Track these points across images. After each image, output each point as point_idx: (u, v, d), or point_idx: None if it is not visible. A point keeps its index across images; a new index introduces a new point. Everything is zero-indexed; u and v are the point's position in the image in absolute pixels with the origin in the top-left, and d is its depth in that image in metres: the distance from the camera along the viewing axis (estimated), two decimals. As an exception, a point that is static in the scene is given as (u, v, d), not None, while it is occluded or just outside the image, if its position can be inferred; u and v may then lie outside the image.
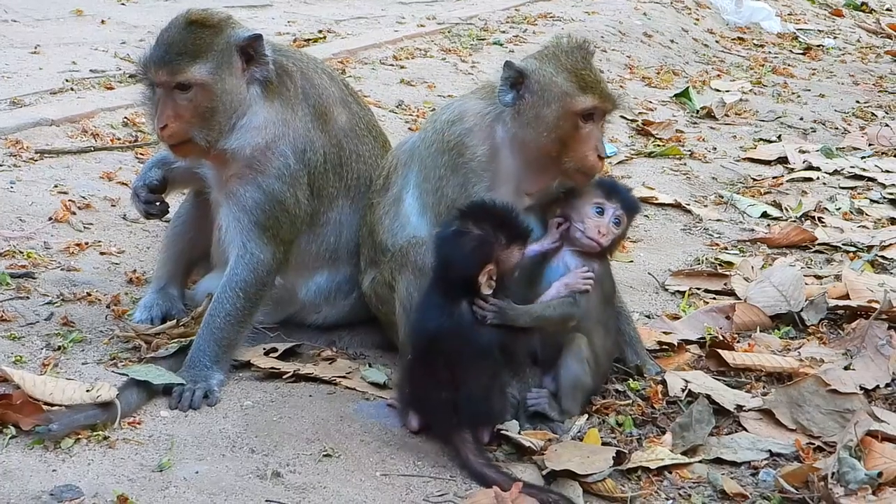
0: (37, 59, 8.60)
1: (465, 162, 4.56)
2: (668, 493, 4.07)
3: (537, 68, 4.53)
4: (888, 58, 13.92)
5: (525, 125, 4.50)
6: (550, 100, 4.47)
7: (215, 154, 4.66)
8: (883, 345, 4.97)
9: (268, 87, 4.66)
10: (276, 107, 4.69)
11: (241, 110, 4.63)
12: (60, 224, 5.83)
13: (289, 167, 4.67)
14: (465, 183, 4.55)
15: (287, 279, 4.90)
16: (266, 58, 4.62)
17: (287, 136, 4.68)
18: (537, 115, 4.48)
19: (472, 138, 4.58)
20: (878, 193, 8.00)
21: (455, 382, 4.18)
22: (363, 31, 10.97)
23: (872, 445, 4.13)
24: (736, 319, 5.45)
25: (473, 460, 4.09)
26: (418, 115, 8.53)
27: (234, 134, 4.62)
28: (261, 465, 4.01)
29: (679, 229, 7.14)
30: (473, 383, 4.20)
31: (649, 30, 12.65)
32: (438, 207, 4.60)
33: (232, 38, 4.58)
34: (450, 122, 4.65)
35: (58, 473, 3.83)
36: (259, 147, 4.64)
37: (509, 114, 4.53)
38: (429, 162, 4.66)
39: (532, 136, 4.50)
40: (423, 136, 4.76)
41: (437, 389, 4.19)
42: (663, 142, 8.98)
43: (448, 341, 4.23)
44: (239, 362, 4.72)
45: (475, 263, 4.23)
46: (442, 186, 4.60)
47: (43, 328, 4.86)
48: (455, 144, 4.58)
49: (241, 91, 4.61)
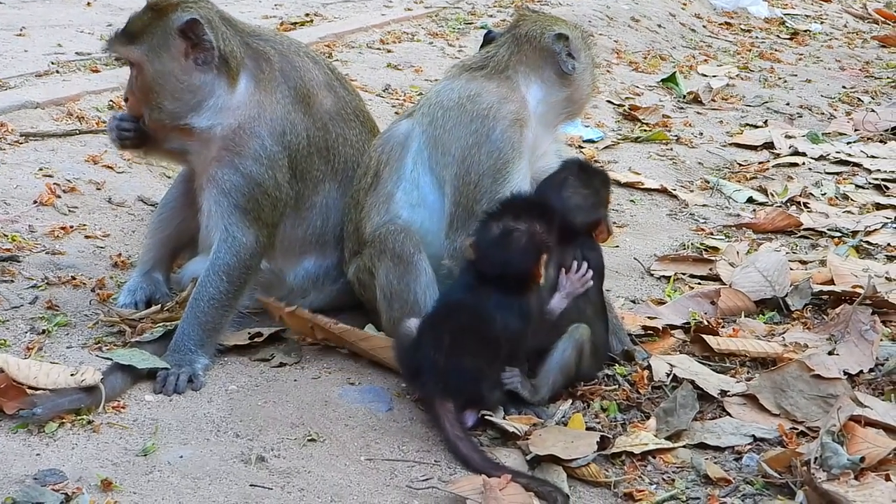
0: (22, 41, 8.56)
1: (501, 130, 4.64)
2: (652, 478, 4.09)
3: (571, 32, 4.90)
4: (875, 43, 13.94)
5: (580, 86, 4.92)
6: (591, 48, 5.00)
7: (185, 130, 4.70)
8: (867, 330, 4.98)
9: (230, 71, 4.67)
10: (249, 89, 4.71)
11: (199, 93, 4.65)
12: (45, 207, 5.81)
13: (265, 148, 4.67)
14: (500, 149, 4.61)
15: (274, 263, 4.90)
16: (207, 42, 4.61)
17: (262, 117, 4.69)
18: (591, 72, 4.97)
19: (505, 107, 4.68)
20: (863, 179, 8.00)
21: (455, 352, 4.21)
22: (350, 15, 10.94)
23: (855, 430, 4.15)
24: (721, 304, 5.46)
25: (450, 430, 4.12)
26: (405, 99, 8.51)
27: (202, 114, 4.67)
28: (245, 450, 4.01)
29: (665, 214, 7.14)
30: (471, 360, 4.23)
31: (637, 14, 12.64)
32: (467, 177, 4.63)
33: (172, 22, 4.61)
34: (472, 95, 4.71)
35: (42, 457, 3.83)
36: (231, 128, 4.67)
37: (553, 81, 4.85)
38: (447, 137, 4.68)
39: (587, 92, 4.99)
40: (429, 118, 4.75)
41: (436, 353, 4.22)
42: (650, 127, 8.98)
43: (464, 314, 4.31)
44: (224, 346, 4.71)
45: (533, 258, 4.33)
46: (472, 155, 4.63)
47: (27, 312, 4.85)
48: (488, 113, 4.66)
49: (186, 74, 4.63)
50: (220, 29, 4.68)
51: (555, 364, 4.49)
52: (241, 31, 4.81)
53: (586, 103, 5.12)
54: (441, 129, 4.69)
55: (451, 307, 4.38)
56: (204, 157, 4.76)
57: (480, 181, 4.59)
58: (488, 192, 4.57)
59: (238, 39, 4.75)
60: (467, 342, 4.25)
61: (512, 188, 4.58)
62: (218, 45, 4.63)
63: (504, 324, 4.30)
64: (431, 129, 4.71)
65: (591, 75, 4.97)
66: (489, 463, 4.02)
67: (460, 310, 4.34)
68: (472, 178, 4.60)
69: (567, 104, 4.94)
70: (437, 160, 4.69)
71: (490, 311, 4.30)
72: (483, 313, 4.30)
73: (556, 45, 4.79)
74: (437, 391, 4.20)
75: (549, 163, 4.87)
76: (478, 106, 4.66)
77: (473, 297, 4.35)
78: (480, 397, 4.29)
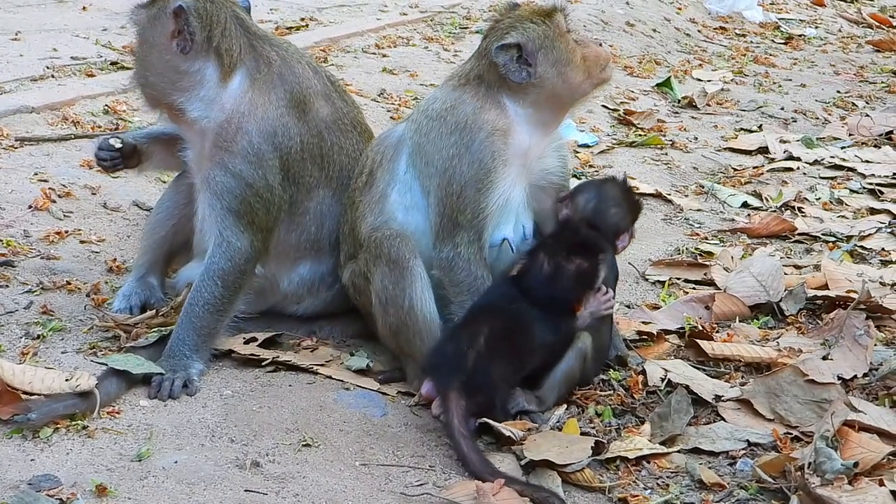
0: (17, 45, 8.55)
1: (482, 139, 4.59)
2: (647, 483, 4.09)
3: (525, 35, 4.67)
4: (869, 48, 13.94)
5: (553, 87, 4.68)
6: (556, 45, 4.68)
7: (176, 113, 4.78)
8: (861, 335, 4.99)
9: (223, 66, 4.71)
10: (242, 87, 4.73)
11: (186, 78, 4.71)
12: (40, 212, 5.81)
13: (252, 145, 4.68)
14: (480, 159, 4.57)
15: (268, 269, 4.90)
16: (190, 31, 4.65)
17: (253, 114, 4.71)
18: (559, 71, 4.67)
19: (484, 115, 4.63)
20: (857, 183, 8.01)
21: (487, 354, 4.25)
22: (346, 20, 10.94)
23: (849, 435, 4.15)
24: (715, 309, 5.47)
25: (456, 426, 4.12)
26: (400, 103, 8.52)
27: (191, 102, 4.73)
28: (240, 455, 4.01)
29: (660, 219, 7.15)
30: (500, 366, 4.28)
31: (632, 19, 12.65)
32: (449, 188, 4.60)
33: (169, 3, 4.68)
34: (451, 105, 4.69)
35: (36, 463, 3.83)
36: (220, 122, 4.70)
37: (519, 88, 4.65)
38: (430, 147, 4.66)
39: (566, 89, 4.71)
40: (417, 126, 4.74)
41: (470, 349, 4.25)
42: (645, 131, 8.98)
43: (508, 319, 4.37)
44: (219, 351, 4.71)
45: (577, 295, 4.54)
46: (454, 166, 4.60)
47: (22, 317, 4.85)
48: (468, 123, 4.62)
49: (169, 54, 4.70)
50: (219, 25, 4.70)
51: (560, 375, 4.52)
52: (251, 33, 4.84)
53: (576, 93, 4.77)
54: (425, 139, 4.69)
55: (493, 309, 4.43)
56: (199, 154, 4.80)
57: (463, 192, 4.57)
58: (472, 202, 4.56)
59: (244, 40, 4.78)
60: (503, 347, 4.30)
61: (497, 197, 4.58)
62: (204, 38, 4.67)
63: (542, 340, 4.40)
64: (417, 136, 4.71)
65: (559, 71, 4.66)
66: (487, 467, 4.02)
67: (505, 314, 4.40)
68: (455, 188, 4.58)
69: (549, 103, 4.75)
70: (421, 170, 4.69)
71: (533, 325, 4.38)
72: (527, 325, 4.38)
73: (502, 58, 4.62)
74: (456, 386, 4.20)
75: (549, 164, 4.82)
76: (456, 117, 4.64)
77: (515, 305, 4.42)
78: (492, 406, 4.31)
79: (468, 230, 4.57)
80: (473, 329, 4.32)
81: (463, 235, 4.57)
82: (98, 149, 5.12)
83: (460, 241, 4.57)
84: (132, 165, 5.20)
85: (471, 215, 4.56)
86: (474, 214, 4.56)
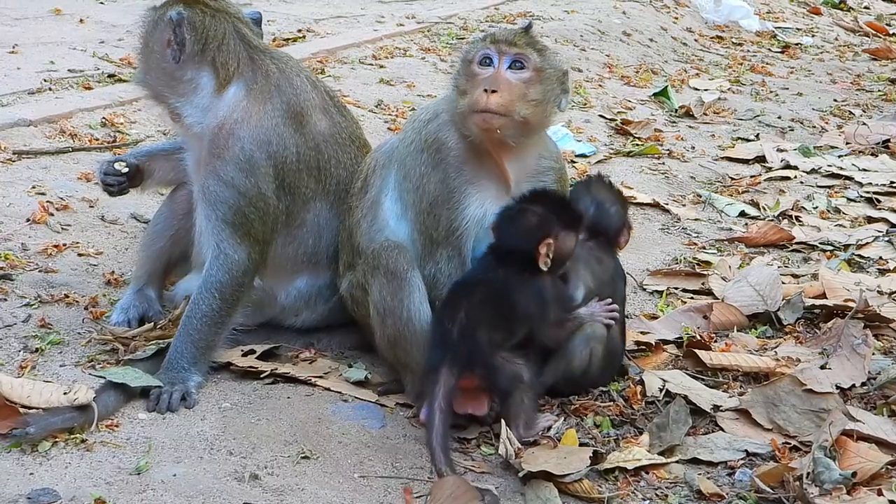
0: (14, 58, 8.55)
1: (444, 157, 4.59)
2: (645, 494, 4.09)
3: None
4: (866, 56, 13.96)
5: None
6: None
7: (173, 114, 4.85)
8: (859, 344, 5.00)
9: (219, 77, 4.74)
10: (238, 96, 4.74)
11: (181, 85, 4.76)
12: (38, 225, 5.80)
13: (244, 151, 4.68)
14: (444, 178, 4.58)
15: (266, 282, 4.90)
16: (178, 43, 4.70)
17: (247, 122, 4.72)
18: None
19: (448, 133, 4.61)
20: (855, 192, 8.01)
21: (469, 324, 4.27)
22: (342, 31, 10.95)
23: (847, 445, 4.16)
24: (713, 319, 5.47)
25: (437, 401, 4.14)
26: (398, 114, 8.52)
27: (186, 108, 4.77)
28: (239, 468, 4.01)
29: (657, 229, 7.16)
30: (485, 332, 4.29)
31: (628, 28, 12.66)
32: (420, 205, 4.61)
33: (168, 11, 4.75)
34: (426, 120, 4.70)
35: (35, 476, 3.83)
36: (213, 128, 4.72)
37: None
38: (409, 161, 4.67)
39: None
40: (403, 136, 4.77)
41: (451, 325, 4.28)
42: (642, 141, 8.99)
43: (480, 288, 4.40)
44: (217, 364, 4.71)
45: (536, 237, 4.46)
46: (424, 184, 4.61)
47: (20, 330, 4.85)
48: (433, 141, 4.62)
49: (164, 60, 4.74)
50: (215, 39, 4.72)
51: (564, 354, 4.58)
52: (251, 46, 4.85)
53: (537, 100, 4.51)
54: (405, 151, 4.70)
55: (467, 284, 4.47)
56: (196, 161, 4.82)
57: (433, 209, 4.58)
58: (444, 219, 4.56)
59: (244, 53, 4.80)
60: (482, 315, 4.32)
61: (471, 214, 4.57)
62: (198, 49, 4.71)
63: (517, 301, 4.41)
64: (402, 146, 4.74)
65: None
66: (444, 459, 4.05)
67: (476, 285, 4.43)
68: (425, 206, 4.59)
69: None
70: (400, 182, 4.71)
71: (505, 287, 4.41)
72: (498, 288, 4.41)
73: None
74: (444, 361, 4.22)
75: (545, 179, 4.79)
76: (428, 131, 4.65)
77: (489, 274, 4.47)
78: (492, 368, 4.30)
79: (445, 247, 4.59)
80: (453, 306, 4.36)
81: (442, 252, 4.59)
82: (104, 174, 5.16)
83: (440, 258, 4.59)
84: (136, 185, 5.25)
85: (445, 232, 4.57)
86: (449, 232, 4.57)
